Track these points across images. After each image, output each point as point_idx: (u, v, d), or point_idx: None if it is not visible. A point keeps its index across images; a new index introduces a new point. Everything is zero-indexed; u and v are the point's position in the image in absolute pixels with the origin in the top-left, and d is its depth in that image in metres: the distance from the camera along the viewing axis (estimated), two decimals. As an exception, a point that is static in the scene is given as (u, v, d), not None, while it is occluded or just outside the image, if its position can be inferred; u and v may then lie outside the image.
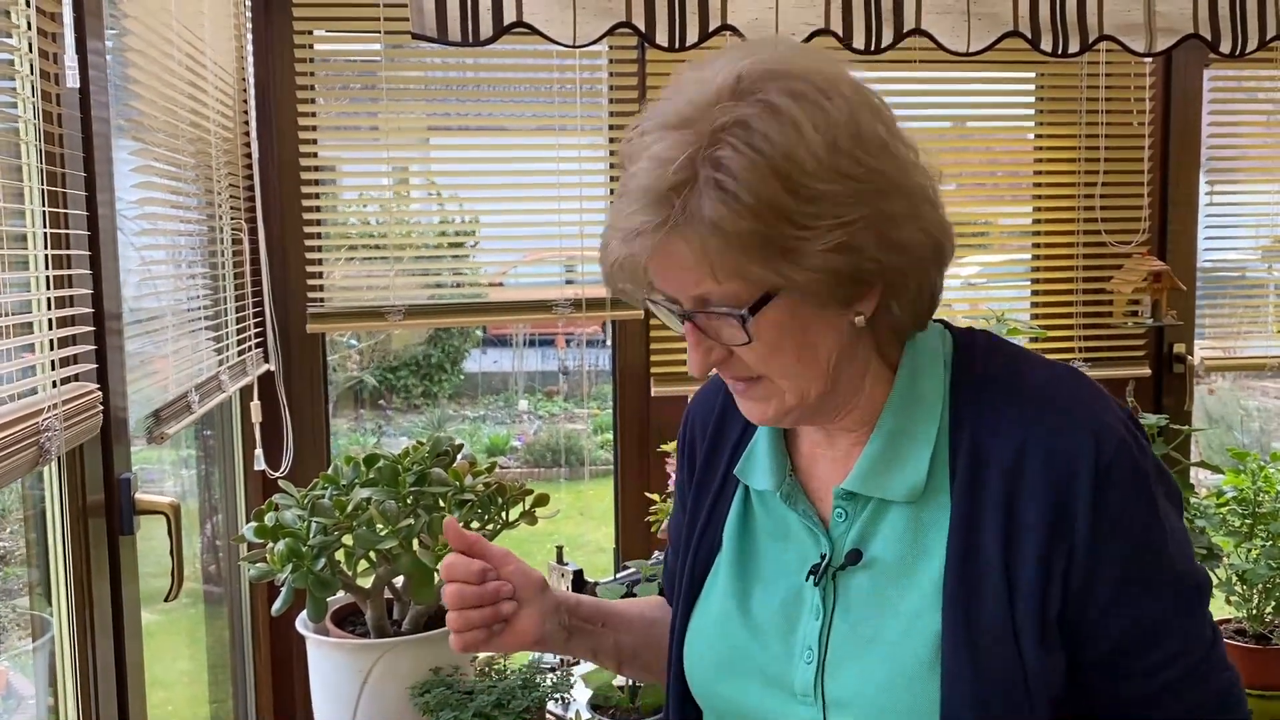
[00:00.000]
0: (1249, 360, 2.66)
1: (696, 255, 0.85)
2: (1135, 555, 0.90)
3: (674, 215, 0.83)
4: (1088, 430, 0.90)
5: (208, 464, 2.17)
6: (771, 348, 0.89)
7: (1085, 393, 0.94)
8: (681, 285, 0.88)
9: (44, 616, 1.38)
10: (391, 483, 1.57)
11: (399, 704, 1.56)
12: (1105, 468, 0.89)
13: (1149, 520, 0.91)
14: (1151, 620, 0.91)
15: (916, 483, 0.94)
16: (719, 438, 1.10)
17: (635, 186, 0.86)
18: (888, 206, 0.87)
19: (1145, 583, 0.91)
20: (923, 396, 0.95)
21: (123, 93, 1.51)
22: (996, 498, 0.90)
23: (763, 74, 0.86)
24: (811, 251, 0.84)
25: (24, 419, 1.10)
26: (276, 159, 2.17)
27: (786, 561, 1.00)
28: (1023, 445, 0.90)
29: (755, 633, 1.00)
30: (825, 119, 0.84)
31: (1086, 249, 2.51)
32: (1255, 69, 2.51)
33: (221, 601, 2.19)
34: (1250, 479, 2.16)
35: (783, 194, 0.82)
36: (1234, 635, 2.20)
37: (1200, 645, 0.94)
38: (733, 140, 0.83)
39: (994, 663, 0.88)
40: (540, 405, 7.24)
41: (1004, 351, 0.99)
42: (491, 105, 2.34)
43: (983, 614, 0.89)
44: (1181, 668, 0.92)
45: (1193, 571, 0.94)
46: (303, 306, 2.21)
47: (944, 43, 2.11)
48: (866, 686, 0.92)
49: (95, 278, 1.33)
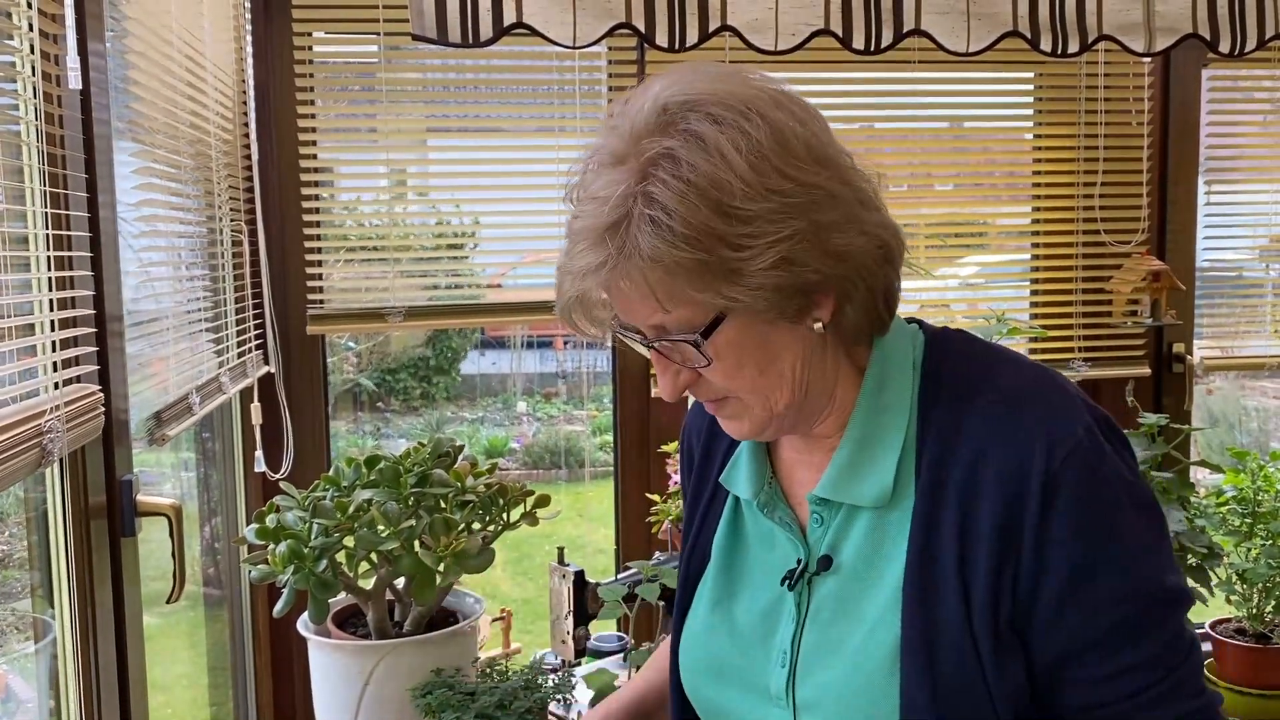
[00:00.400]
0: (1248, 360, 2.67)
1: (640, 289, 0.87)
2: (1083, 565, 0.88)
3: (612, 255, 0.86)
4: (1042, 437, 0.89)
5: (206, 467, 2.16)
6: (734, 366, 0.91)
7: (1049, 398, 0.93)
8: (637, 316, 0.91)
9: (45, 619, 1.38)
10: (393, 484, 1.56)
11: (400, 705, 1.56)
12: (1054, 475, 0.88)
13: (1101, 530, 0.89)
14: (1101, 631, 0.89)
15: (883, 489, 0.94)
16: (711, 447, 1.12)
17: (579, 228, 0.89)
18: (822, 216, 0.88)
19: (1093, 593, 0.89)
20: (890, 402, 0.96)
21: (123, 95, 1.51)
22: (954, 503, 0.91)
23: (683, 104, 0.87)
24: (753, 270, 0.86)
25: (27, 420, 1.10)
26: (276, 161, 2.17)
27: (770, 568, 1.02)
28: (980, 451, 0.91)
29: (737, 638, 1.02)
30: (747, 140, 0.85)
31: (1086, 249, 2.51)
32: (1254, 68, 2.51)
33: (221, 604, 2.18)
34: (1250, 478, 2.17)
35: (715, 219, 0.84)
36: (1234, 634, 2.20)
37: (1162, 663, 0.90)
38: (661, 174, 0.85)
39: (952, 667, 0.89)
40: (539, 407, 7.24)
41: (975, 353, 0.99)
42: (491, 107, 2.34)
43: (940, 619, 0.90)
44: (1138, 683, 0.89)
45: (1160, 586, 0.90)
46: (302, 308, 2.21)
47: (943, 43, 2.11)
48: (831, 689, 0.94)
49: (97, 279, 1.33)
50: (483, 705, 1.51)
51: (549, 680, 1.62)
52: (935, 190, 2.53)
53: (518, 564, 5.16)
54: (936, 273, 2.50)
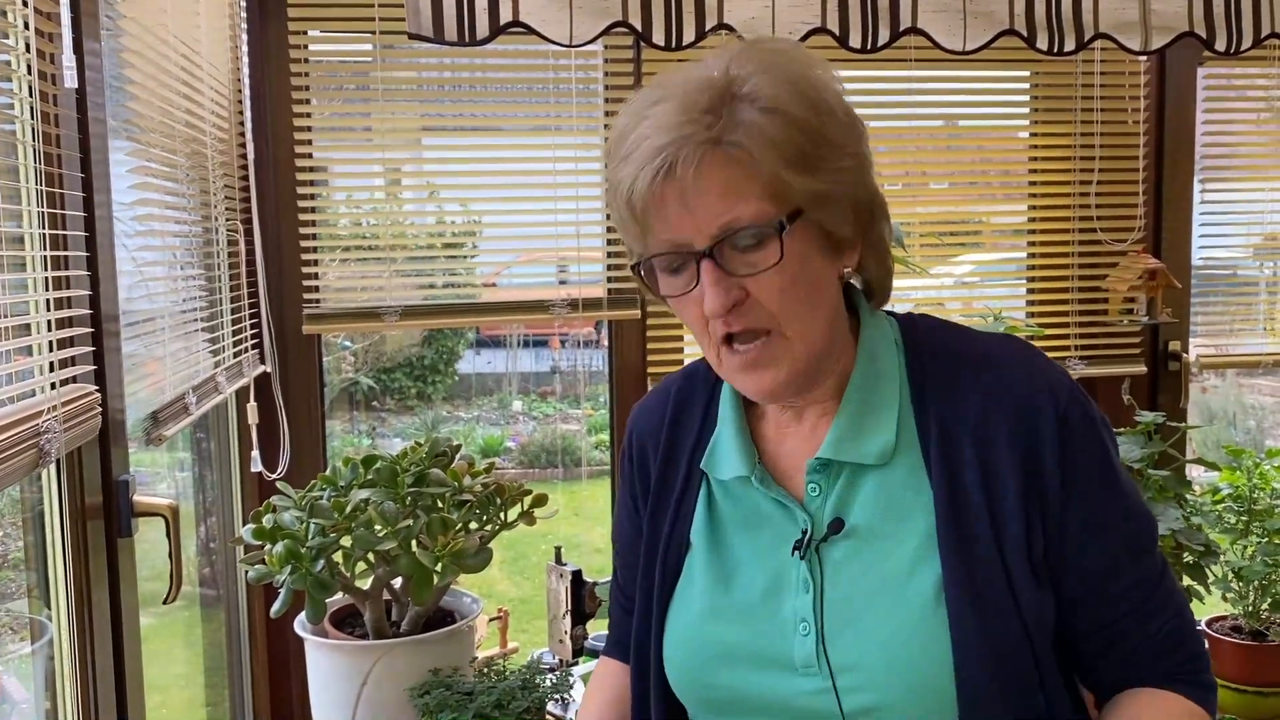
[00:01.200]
0: (1243, 357, 2.67)
1: (740, 166, 0.90)
2: (1099, 495, 0.98)
3: (711, 120, 0.91)
4: (1044, 384, 0.98)
5: (202, 467, 2.16)
6: (793, 278, 0.94)
7: (1030, 354, 1.03)
8: (707, 215, 0.92)
9: (42, 620, 1.38)
10: (390, 484, 1.56)
11: (398, 705, 1.56)
12: (1064, 416, 0.97)
13: (1105, 463, 0.99)
14: (1115, 553, 0.99)
15: (886, 444, 1.00)
16: (674, 441, 1.12)
17: (668, 93, 0.93)
18: (867, 151, 0.98)
19: (1109, 519, 0.99)
20: (883, 371, 1.03)
21: (119, 94, 1.51)
22: (971, 454, 0.97)
23: (749, 47, 0.97)
24: (831, 169, 0.94)
25: (24, 421, 1.09)
26: (272, 160, 2.17)
27: (761, 546, 1.04)
28: (987, 401, 0.98)
29: (742, 619, 1.03)
30: (823, 69, 0.97)
31: (1082, 247, 2.51)
32: (1248, 66, 2.52)
33: (216, 604, 2.18)
34: (1246, 476, 2.17)
35: (810, 112, 0.93)
36: (1230, 632, 2.20)
37: (1153, 575, 1.02)
38: (753, 77, 0.92)
39: (993, 603, 0.94)
40: (534, 406, 7.23)
41: (946, 328, 1.08)
42: (487, 106, 2.34)
43: (977, 559, 0.95)
44: (1139, 597, 1.00)
45: (1143, 511, 1.02)
46: (298, 308, 2.21)
47: (940, 41, 2.11)
48: (870, 646, 0.96)
49: (93, 279, 1.33)
50: (480, 705, 1.51)
51: (547, 680, 1.62)
52: (931, 189, 2.53)
53: (514, 564, 5.16)
54: (932, 271, 2.50)
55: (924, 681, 0.93)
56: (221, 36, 2.02)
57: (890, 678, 0.94)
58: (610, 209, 1.00)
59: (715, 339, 0.98)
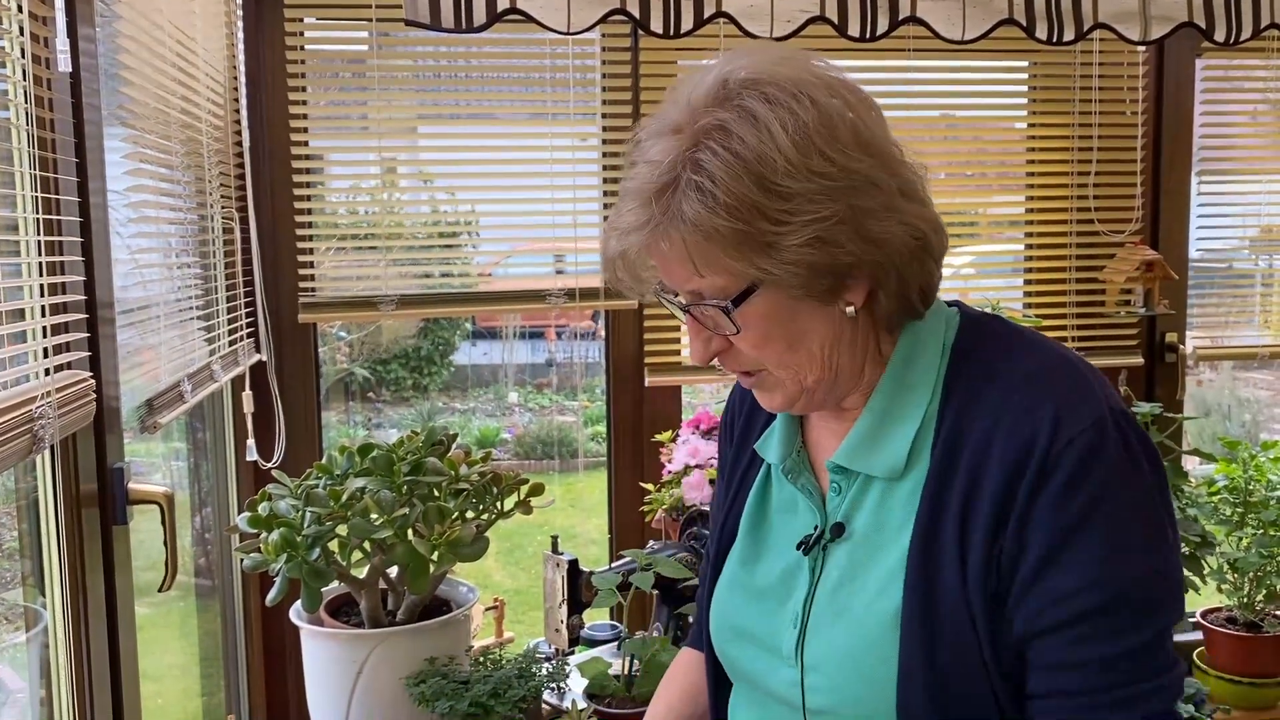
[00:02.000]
0: (1239, 349, 2.67)
1: (679, 252, 0.92)
2: (1055, 550, 0.89)
3: (656, 216, 0.91)
4: (1050, 420, 0.90)
5: (197, 457, 2.15)
6: (762, 337, 0.95)
7: (1067, 384, 0.93)
8: (675, 279, 0.95)
9: (36, 608, 1.37)
10: (386, 472, 1.55)
11: (394, 694, 1.55)
12: (1053, 458, 0.89)
13: (1082, 517, 0.89)
14: (1060, 619, 0.89)
15: (896, 461, 0.98)
16: (751, 419, 1.16)
17: (630, 188, 0.94)
18: (862, 202, 0.91)
19: (1057, 580, 0.89)
20: (915, 381, 0.99)
21: (113, 80, 1.50)
22: (962, 479, 0.94)
23: (742, 80, 0.91)
24: (788, 246, 0.89)
25: (17, 406, 1.08)
26: (267, 148, 2.16)
27: (791, 534, 1.06)
28: (994, 428, 0.93)
29: (757, 600, 1.07)
30: (795, 121, 0.89)
31: (1080, 238, 2.51)
32: (1247, 58, 2.51)
33: (211, 594, 2.18)
34: (1242, 468, 2.17)
35: (757, 192, 0.88)
36: (1225, 623, 2.21)
37: (1118, 669, 0.89)
38: (711, 144, 0.89)
39: (949, 636, 0.92)
40: (530, 398, 7.23)
41: (1006, 338, 1.01)
42: (484, 94, 2.33)
43: (939, 588, 0.93)
44: (1090, 682, 0.89)
45: (1134, 588, 0.89)
46: (294, 296, 2.20)
47: (939, 30, 2.11)
48: (834, 651, 0.98)
49: (87, 265, 1.32)
50: (476, 694, 1.50)
51: (543, 669, 1.61)
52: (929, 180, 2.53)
53: (509, 554, 5.16)
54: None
55: (870, 698, 0.95)
56: (217, 24, 2.01)
57: (843, 686, 0.97)
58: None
59: None
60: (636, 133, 0.96)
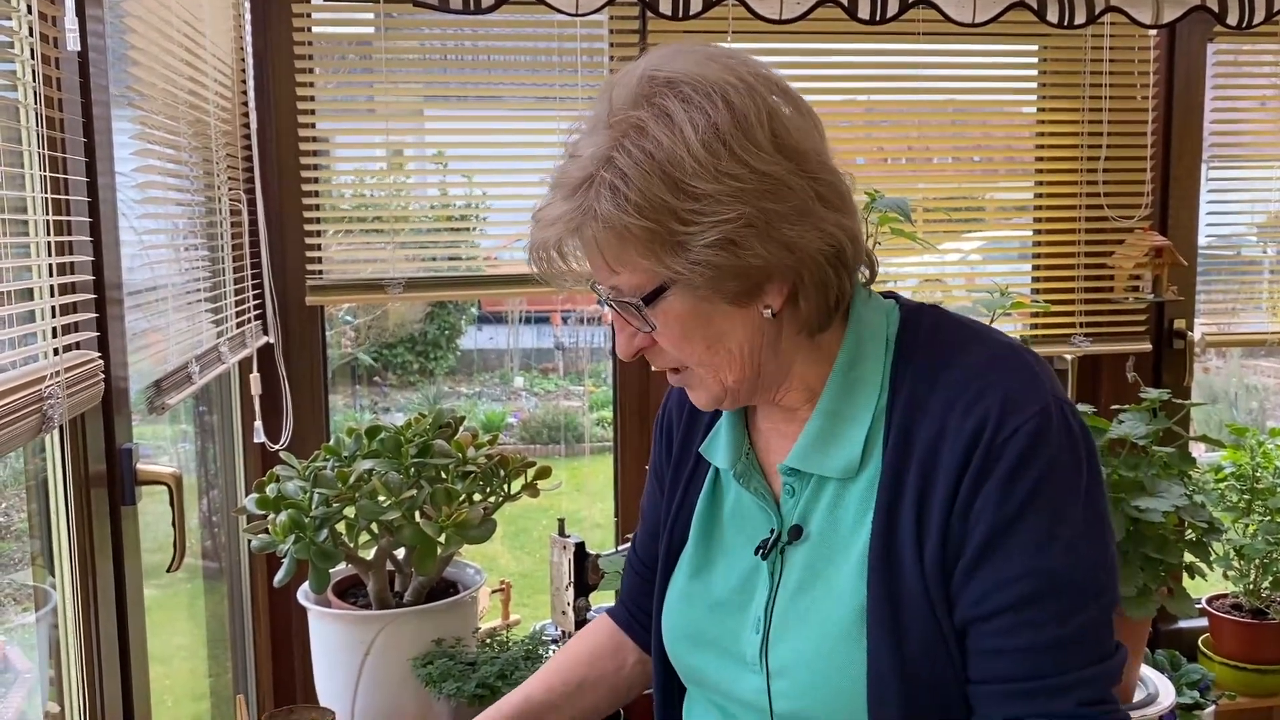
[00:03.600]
0: (1248, 336, 2.66)
1: (591, 248, 0.93)
2: (994, 535, 0.90)
3: (574, 210, 0.91)
4: (997, 411, 0.91)
5: (204, 440, 2.16)
6: (679, 337, 0.95)
7: (1012, 376, 0.94)
8: (597, 274, 0.96)
9: (45, 589, 1.38)
10: (394, 454, 1.56)
11: (401, 675, 1.56)
12: (997, 447, 0.90)
13: (1023, 505, 0.90)
14: (998, 604, 0.91)
15: (850, 461, 0.97)
16: (693, 422, 1.15)
17: (555, 181, 0.95)
18: (774, 205, 0.90)
19: (998, 565, 0.90)
20: (861, 378, 0.99)
21: (122, 60, 1.49)
22: (915, 475, 0.94)
23: (663, 80, 0.91)
24: (696, 246, 0.89)
25: (26, 386, 1.09)
26: (275, 130, 2.15)
27: (743, 538, 1.06)
28: (943, 423, 0.93)
29: (715, 607, 1.06)
30: (706, 122, 0.88)
31: (1089, 224, 2.50)
32: (1258, 42, 2.49)
33: (218, 576, 2.18)
34: (1249, 455, 2.17)
35: (667, 192, 0.88)
36: (1230, 610, 2.21)
37: (1048, 658, 0.90)
38: (628, 143, 0.89)
39: (915, 632, 0.92)
40: (536, 382, 7.23)
41: (947, 331, 1.01)
42: (492, 75, 2.32)
43: (902, 585, 0.93)
44: (1021, 669, 0.90)
45: (1072, 577, 0.90)
46: (301, 279, 2.20)
47: (950, 13, 2.09)
48: (801, 655, 0.97)
49: (95, 245, 1.32)
50: (484, 675, 1.51)
51: (550, 650, 1.62)
52: (936, 165, 2.52)
53: (515, 538, 5.17)
54: (940, 247, 2.49)
55: (840, 700, 0.95)
56: (225, 4, 2.00)
57: (810, 688, 0.96)
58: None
59: None
60: (575, 123, 0.97)
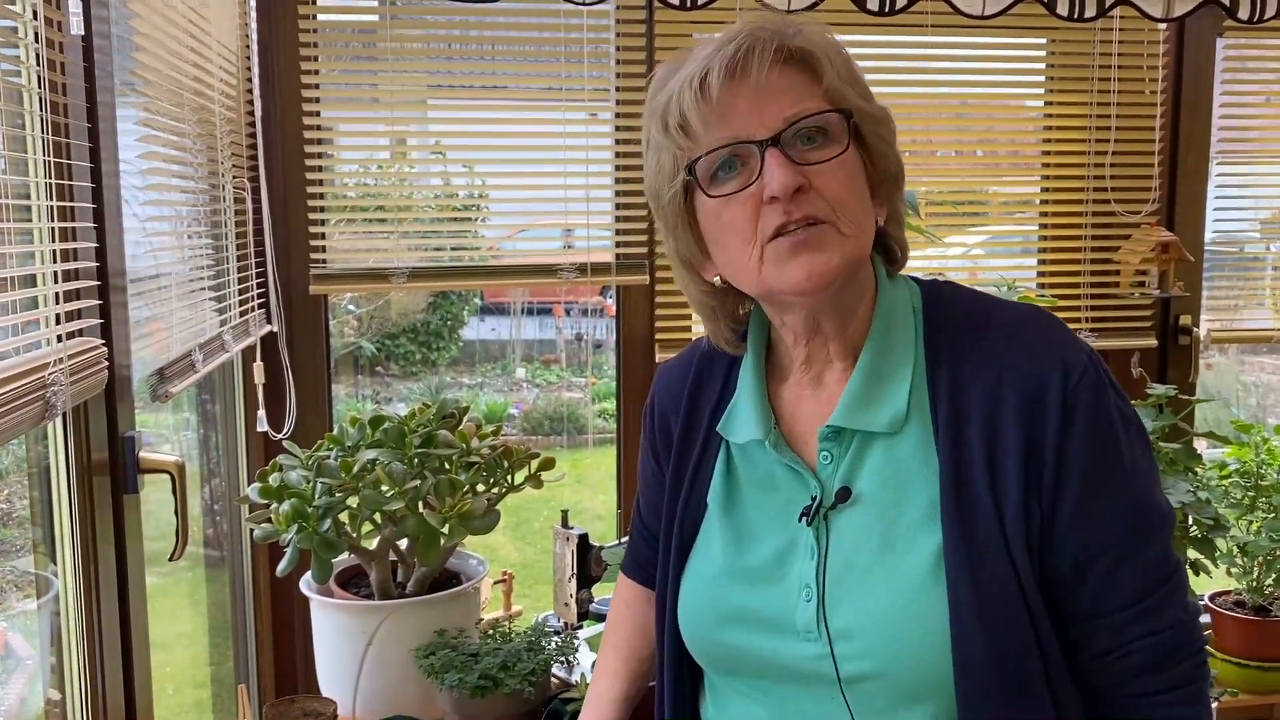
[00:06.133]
0: (1254, 332, 2.65)
1: (806, 73, 0.96)
2: (1095, 476, 0.96)
3: (788, 31, 0.96)
4: (1057, 359, 0.97)
5: (207, 428, 2.15)
6: (852, 176, 0.98)
7: (1052, 328, 1.01)
8: (773, 110, 0.95)
9: (47, 576, 1.37)
10: (398, 444, 1.55)
11: (403, 666, 1.56)
12: (1072, 392, 0.95)
13: (1109, 445, 0.96)
14: (1110, 539, 0.96)
15: (897, 413, 0.99)
16: (696, 404, 1.14)
17: (719, 40, 0.96)
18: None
19: (1103, 504, 0.96)
20: (897, 340, 1.02)
21: (126, 45, 1.49)
22: (978, 425, 0.97)
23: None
24: (875, 106, 1.01)
25: (30, 373, 1.08)
26: (279, 119, 2.14)
27: (775, 510, 1.05)
28: (999, 375, 0.97)
29: (751, 581, 1.04)
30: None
31: (1095, 219, 2.49)
32: (1268, 37, 2.48)
33: (220, 565, 2.18)
34: (1254, 451, 2.16)
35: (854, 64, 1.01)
36: (1234, 607, 2.20)
37: (1157, 574, 0.98)
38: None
39: (992, 579, 0.94)
40: (538, 373, 7.23)
41: (970, 296, 1.07)
42: (495, 65, 2.31)
43: (977, 533, 0.95)
44: (1130, 594, 0.97)
45: (1154, 501, 0.99)
46: (305, 268, 2.19)
47: (960, 5, 2.08)
48: (871, 614, 0.96)
49: (99, 232, 1.31)
50: (486, 666, 1.51)
51: (552, 643, 1.62)
52: (941, 158, 2.51)
53: (517, 529, 5.17)
54: (946, 240, 2.48)
55: (920, 651, 0.94)
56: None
57: (886, 646, 0.95)
58: (650, 124, 1.01)
59: (763, 237, 0.96)
60: (664, 69, 1.02)
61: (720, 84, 0.95)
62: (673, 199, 1.01)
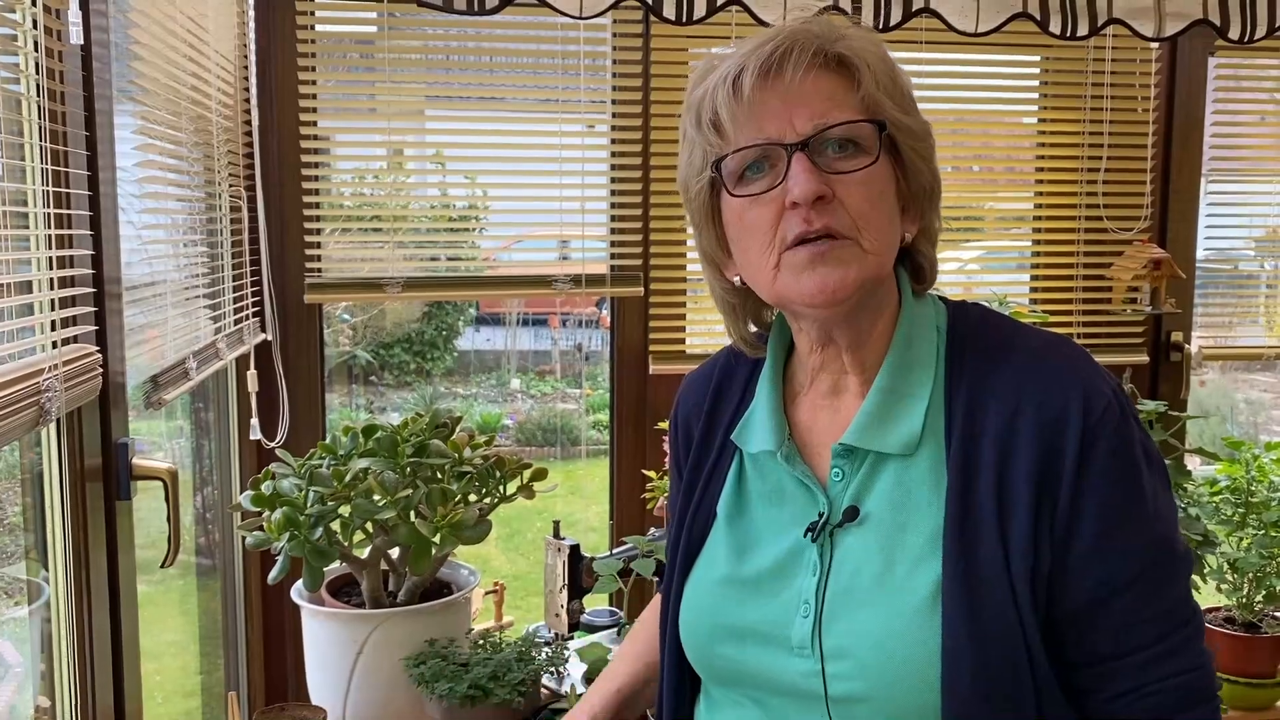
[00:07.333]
0: (1245, 350, 2.67)
1: (843, 79, 0.96)
2: (1113, 512, 0.93)
3: (829, 35, 0.96)
4: (1079, 390, 0.94)
5: (200, 436, 2.15)
6: (880, 191, 0.97)
7: (1077, 358, 0.98)
8: (805, 114, 0.95)
9: (39, 582, 1.37)
10: (390, 453, 1.56)
11: (394, 675, 1.56)
12: (1093, 426, 0.93)
13: (1130, 482, 0.94)
14: (1125, 579, 0.94)
15: (911, 436, 0.98)
16: (715, 413, 1.13)
17: (767, 35, 0.96)
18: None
19: (1121, 542, 0.93)
20: (917, 359, 1.01)
21: (125, 54, 1.49)
22: (991, 453, 0.95)
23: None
24: (915, 119, 1.00)
25: (25, 378, 1.08)
26: (276, 129, 2.15)
27: (781, 523, 1.04)
28: (1017, 403, 0.95)
29: (751, 593, 1.03)
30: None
31: (1088, 235, 2.50)
32: (1259, 57, 2.50)
33: (211, 573, 2.18)
34: (1244, 468, 2.17)
35: (898, 72, 1.01)
36: (1223, 623, 2.21)
37: (1174, 617, 0.95)
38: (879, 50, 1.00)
39: (991, 610, 0.92)
40: (533, 384, 7.23)
41: (997, 321, 1.05)
42: (493, 78, 2.32)
43: (980, 563, 0.93)
44: (1153, 634, 0.94)
45: (1173, 542, 0.96)
46: (300, 276, 2.20)
47: (953, 22, 2.10)
48: (866, 635, 0.95)
49: (95, 239, 1.32)
50: (476, 676, 1.51)
51: (542, 653, 1.62)
52: (937, 173, 2.52)
53: (508, 540, 5.17)
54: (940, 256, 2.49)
55: (909, 680, 0.93)
56: (228, 1, 2.00)
57: (876, 670, 0.94)
58: (685, 118, 1.01)
59: (783, 244, 0.96)
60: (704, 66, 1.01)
61: (753, 83, 0.94)
62: (699, 194, 1.01)
